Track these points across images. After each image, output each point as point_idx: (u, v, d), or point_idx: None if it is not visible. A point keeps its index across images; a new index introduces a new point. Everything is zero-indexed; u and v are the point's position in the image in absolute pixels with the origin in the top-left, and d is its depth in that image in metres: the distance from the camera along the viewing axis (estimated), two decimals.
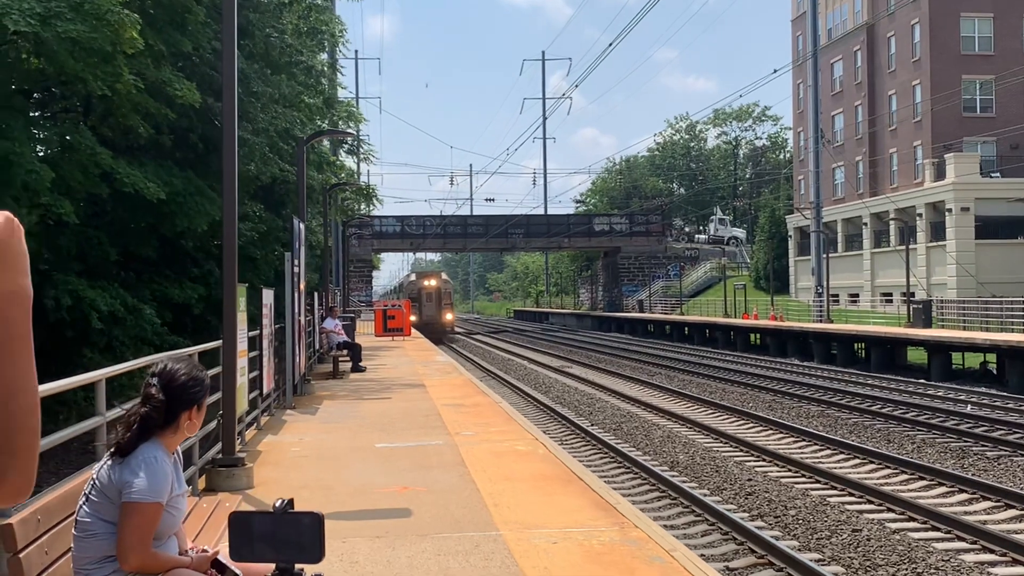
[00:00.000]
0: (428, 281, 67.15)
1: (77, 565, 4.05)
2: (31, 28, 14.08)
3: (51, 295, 17.34)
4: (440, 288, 66.17)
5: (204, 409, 4.33)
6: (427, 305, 65.20)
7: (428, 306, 65.27)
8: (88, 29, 14.68)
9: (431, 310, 65.26)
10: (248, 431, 12.78)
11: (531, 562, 6.69)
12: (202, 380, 4.30)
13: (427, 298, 65.36)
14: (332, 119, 31.47)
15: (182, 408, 4.19)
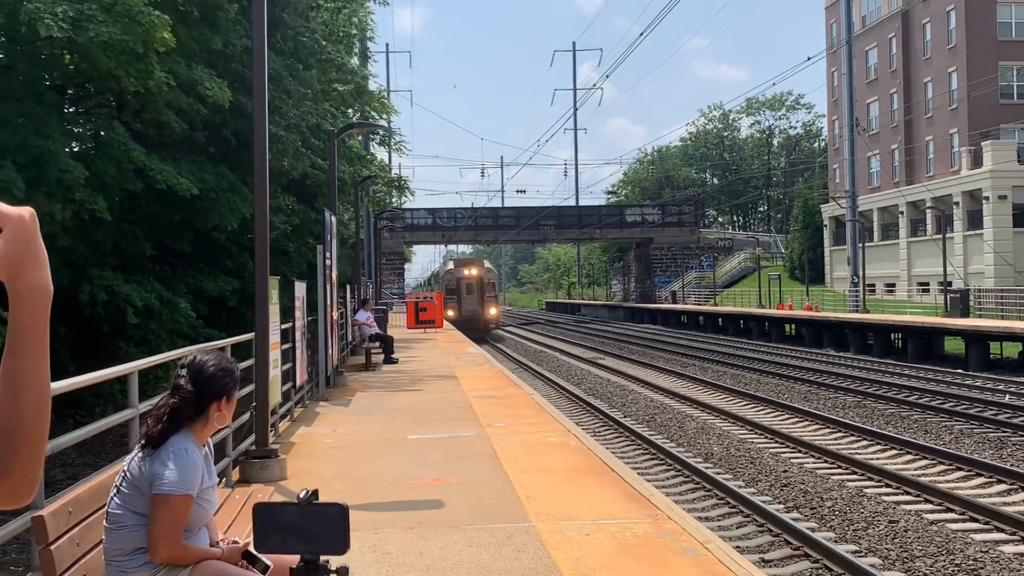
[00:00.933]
0: (468, 270, 58.28)
1: (108, 557, 4.05)
2: (63, 33, 14.14)
3: (86, 290, 17.47)
4: (482, 278, 57.65)
5: (234, 401, 4.31)
6: (467, 298, 56.96)
7: (468, 299, 56.95)
8: (120, 31, 14.74)
9: (472, 304, 56.99)
10: (282, 423, 12.82)
11: (564, 554, 6.65)
12: (231, 371, 4.28)
13: (467, 289, 57.09)
14: (363, 110, 31.51)
15: (211, 399, 4.18)
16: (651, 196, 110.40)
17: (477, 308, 56.69)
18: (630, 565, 6.39)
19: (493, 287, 59.00)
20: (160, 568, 3.99)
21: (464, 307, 56.58)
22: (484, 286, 57.54)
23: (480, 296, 57.12)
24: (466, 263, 60.77)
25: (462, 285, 57.23)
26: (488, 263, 62.08)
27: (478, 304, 56.89)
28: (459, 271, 58.45)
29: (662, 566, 6.35)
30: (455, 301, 56.12)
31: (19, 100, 15.94)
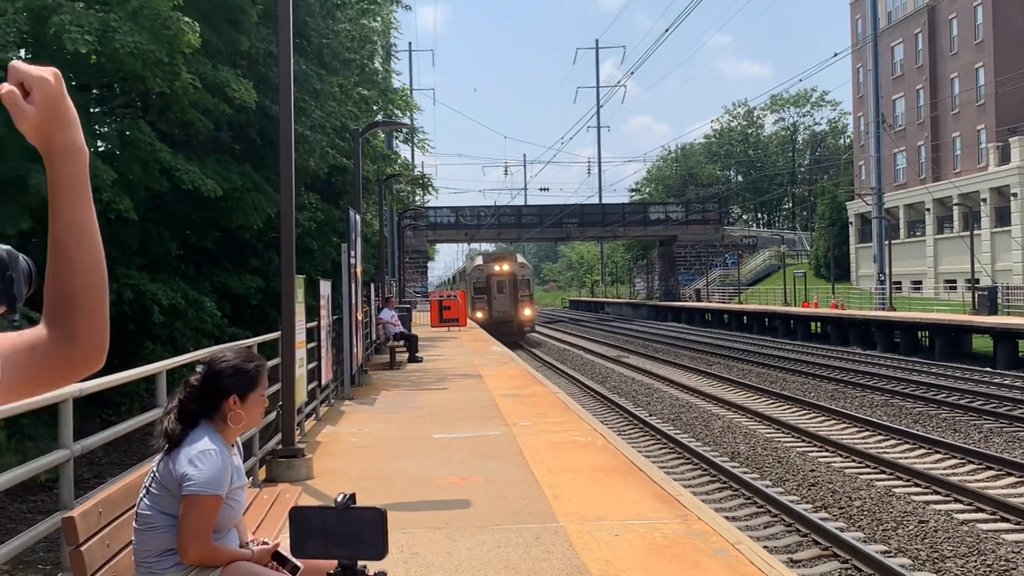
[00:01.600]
0: (500, 266, 51.27)
1: (138, 558, 4.04)
2: (89, 47, 14.19)
3: (112, 289, 17.56)
4: (515, 275, 50.46)
5: (254, 403, 4.21)
6: (498, 298, 50.17)
7: (499, 299, 50.14)
8: (146, 39, 14.77)
9: (504, 304, 50.01)
10: (307, 422, 12.83)
11: (593, 555, 6.60)
12: (243, 370, 4.20)
13: (498, 287, 50.31)
14: (387, 109, 31.55)
15: (221, 396, 4.13)
16: (675, 194, 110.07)
17: (509, 309, 49.77)
18: (660, 566, 6.34)
19: (527, 285, 50.92)
20: (190, 569, 3.98)
21: (495, 308, 49.79)
22: (517, 284, 50.18)
23: (513, 295, 49.80)
24: (496, 258, 53.24)
25: (492, 283, 50.31)
26: (521, 258, 53.67)
27: (510, 304, 49.80)
28: (489, 267, 51.23)
29: (693, 567, 6.29)
30: (484, 301, 49.93)
31: None
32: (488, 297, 50.15)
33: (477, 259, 54.81)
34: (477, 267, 52.39)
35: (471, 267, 54.39)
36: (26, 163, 14.82)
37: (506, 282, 50.45)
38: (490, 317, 48.61)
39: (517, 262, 51.77)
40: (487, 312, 49.50)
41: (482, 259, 53.50)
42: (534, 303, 52.25)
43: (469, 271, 54.05)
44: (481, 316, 48.68)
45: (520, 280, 50.58)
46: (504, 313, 49.63)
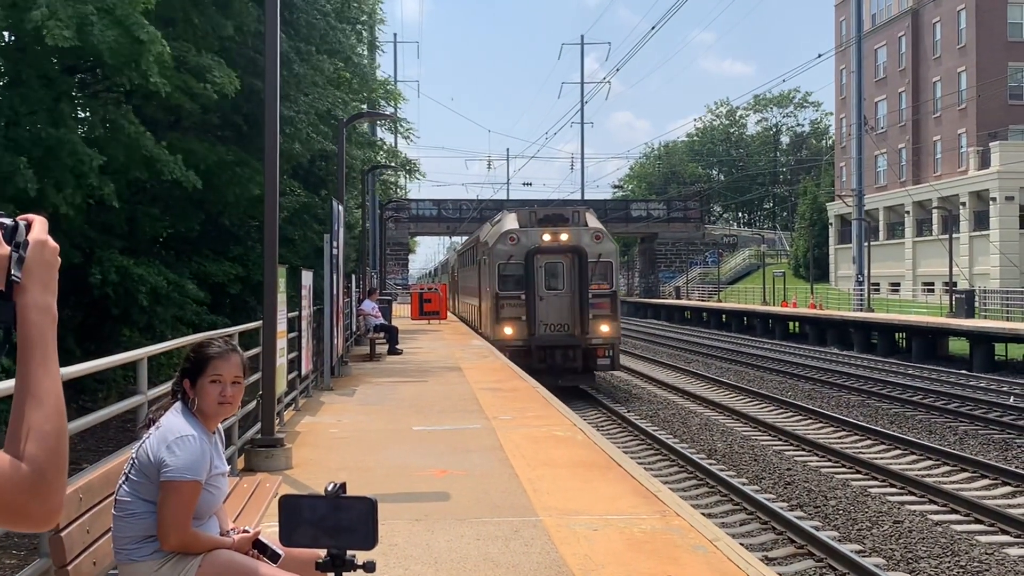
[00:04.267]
0: (556, 233, 27.07)
1: (117, 544, 4.02)
2: (67, 43, 14.10)
3: (96, 271, 17.45)
4: (583, 252, 26.72)
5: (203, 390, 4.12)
6: (549, 298, 26.72)
7: (552, 300, 26.74)
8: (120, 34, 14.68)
9: (561, 309, 26.69)
10: (287, 412, 12.80)
11: (572, 549, 6.62)
12: (195, 354, 4.19)
13: (549, 277, 26.94)
14: (371, 99, 31.44)
15: (180, 379, 4.19)
16: (657, 191, 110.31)
17: (571, 320, 26.34)
18: (639, 561, 6.36)
19: (608, 272, 26.97)
20: (170, 556, 3.96)
21: (542, 318, 26.42)
22: (589, 269, 26.48)
23: (578, 293, 26.42)
24: (551, 219, 27.78)
25: (537, 267, 26.61)
26: (594, 218, 28.53)
27: (574, 311, 26.36)
28: (532, 235, 26.91)
29: (671, 563, 6.32)
30: (518, 303, 26.42)
31: (30, 87, 15.89)
32: (530, 296, 26.17)
33: (508, 219, 28.24)
34: (507, 235, 26.99)
35: (495, 235, 28.24)
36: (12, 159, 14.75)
37: (566, 266, 26.57)
38: (531, 334, 25.84)
39: (589, 228, 27.03)
40: (524, 326, 26.10)
41: (517, 219, 27.78)
42: (618, 309, 27.11)
43: (491, 243, 27.76)
44: (511, 333, 25.97)
45: (596, 262, 26.39)
46: (560, 328, 26.23)
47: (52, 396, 1.56)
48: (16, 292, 1.54)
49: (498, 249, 26.83)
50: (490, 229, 31.25)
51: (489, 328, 27.71)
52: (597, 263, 26.37)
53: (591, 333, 25.81)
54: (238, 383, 4.22)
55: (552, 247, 26.51)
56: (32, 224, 1.58)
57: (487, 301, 28.11)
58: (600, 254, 26.45)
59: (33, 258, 1.56)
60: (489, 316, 27.68)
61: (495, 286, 26.66)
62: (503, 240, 26.86)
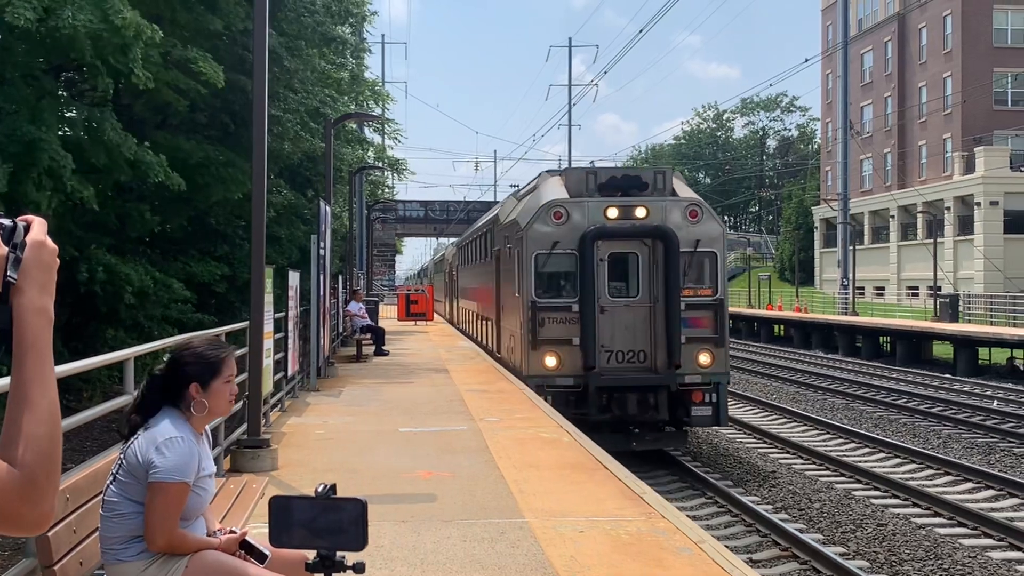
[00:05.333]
0: (630, 208, 16.92)
1: (105, 545, 4.02)
2: (31, 25, 13.75)
3: (83, 268, 17.38)
4: (673, 237, 16.65)
5: (217, 392, 4.16)
6: (621, 311, 16.91)
7: (623, 313, 16.91)
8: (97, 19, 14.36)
9: (634, 323, 16.89)
10: (273, 413, 12.77)
11: (558, 550, 6.63)
12: (205, 358, 4.18)
13: (617, 274, 17.21)
14: (358, 99, 31.40)
15: (183, 384, 4.12)
16: None
17: (653, 344, 16.89)
18: (624, 563, 6.38)
19: (712, 268, 17.19)
20: (157, 557, 3.96)
21: (605, 341, 16.86)
22: (684, 263, 16.85)
23: (663, 302, 16.80)
24: (620, 183, 17.62)
25: (599, 259, 17.00)
26: (684, 185, 18.73)
27: (657, 330, 16.85)
28: (593, 209, 17.05)
29: (656, 565, 6.34)
30: (564, 316, 16.96)
31: (12, 84, 15.79)
32: (587, 306, 16.75)
33: (549, 185, 18.48)
34: (551, 209, 17.23)
35: (529, 210, 18.11)
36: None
37: (644, 259, 17.26)
38: (588, 367, 16.56)
39: (679, 199, 17.55)
40: (577, 354, 16.75)
41: (564, 183, 18.27)
42: (726, 328, 17.52)
43: (523, 223, 17.67)
44: (554, 364, 16.81)
45: (692, 254, 17.03)
46: (634, 357, 17.02)
47: (46, 400, 1.55)
48: (12, 293, 1.53)
49: (535, 232, 16.80)
50: (515, 205, 20.62)
51: (518, 355, 17.44)
52: (693, 255, 16.59)
53: (684, 365, 16.35)
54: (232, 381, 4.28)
55: (622, 228, 16.59)
56: (31, 225, 1.58)
57: (515, 314, 18.08)
58: (698, 240, 16.59)
59: (30, 259, 1.56)
60: (519, 337, 17.38)
61: (529, 290, 16.66)
62: (544, 217, 16.77)
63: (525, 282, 17.00)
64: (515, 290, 18.11)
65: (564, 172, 19.09)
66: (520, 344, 17.46)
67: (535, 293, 16.83)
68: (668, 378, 16.35)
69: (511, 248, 18.91)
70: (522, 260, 17.22)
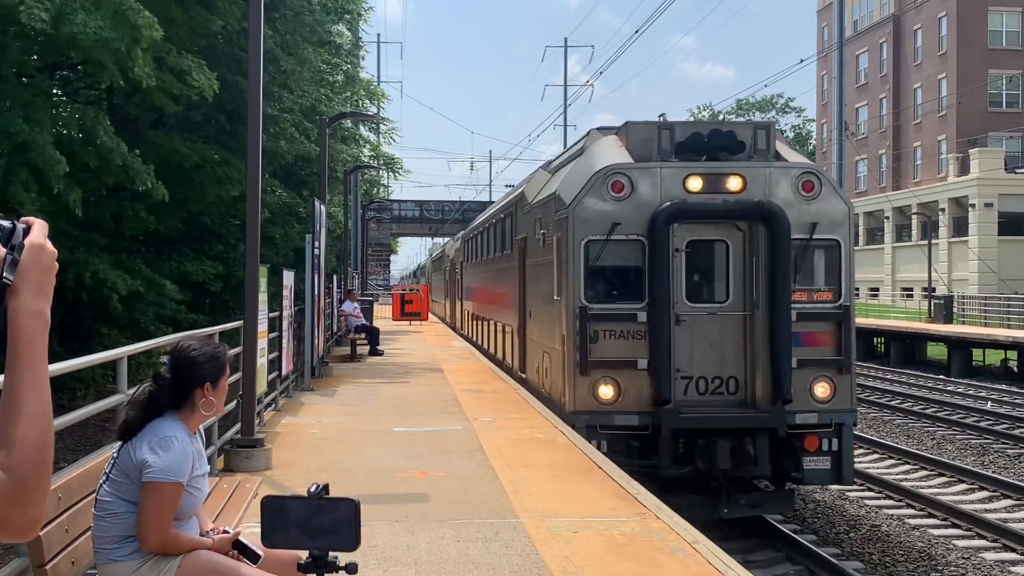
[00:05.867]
0: (719, 177, 12.33)
1: (97, 544, 4.00)
2: (43, 25, 13.86)
3: (70, 275, 17.33)
4: (780, 218, 12.00)
5: (223, 389, 4.26)
6: (704, 321, 12.39)
7: (707, 324, 12.40)
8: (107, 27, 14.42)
9: (723, 338, 12.38)
10: (267, 412, 12.75)
11: (552, 551, 6.63)
12: (216, 357, 4.21)
13: (698, 269, 12.69)
14: (353, 99, 31.37)
15: (193, 385, 4.12)
16: None
17: (750, 369, 12.25)
18: (618, 564, 6.38)
19: (834, 262, 12.52)
20: (150, 556, 3.95)
21: (682, 364, 12.28)
22: (795, 256, 12.21)
23: (766, 309, 12.11)
24: (705, 141, 12.74)
25: (675, 249, 12.34)
26: (789, 148, 14.11)
27: (756, 349, 12.17)
28: (668, 178, 12.37)
29: (650, 565, 6.34)
30: (626, 327, 12.32)
31: (6, 81, 15.75)
32: (659, 313, 12.07)
33: (603, 147, 13.69)
34: (609, 178, 12.44)
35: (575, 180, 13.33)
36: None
37: (736, 249, 12.54)
38: (660, 400, 11.90)
39: (788, 165, 12.77)
40: (643, 381, 12.11)
41: (625, 143, 13.37)
42: (852, 346, 12.57)
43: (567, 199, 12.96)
44: (611, 396, 12.17)
45: (807, 244, 12.34)
46: (722, 387, 12.41)
47: (37, 405, 1.53)
48: (8, 295, 1.52)
49: (587, 210, 12.49)
50: (550, 179, 16.29)
51: (558, 381, 13.11)
52: (808, 245, 12.31)
53: (797, 398, 11.96)
54: None
55: (710, 206, 12.28)
56: (31, 227, 1.57)
57: (551, 324, 13.79)
58: (815, 223, 12.32)
59: (28, 261, 1.55)
60: (558, 357, 13.15)
61: (576, 291, 12.39)
62: (599, 189, 12.47)
63: (570, 281, 12.43)
64: (553, 291, 13.47)
65: (625, 128, 13.53)
66: (561, 366, 12.80)
67: (585, 296, 12.25)
68: (774, 417, 11.70)
69: (546, 235, 14.28)
70: (566, 250, 12.60)
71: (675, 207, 12.06)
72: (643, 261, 12.16)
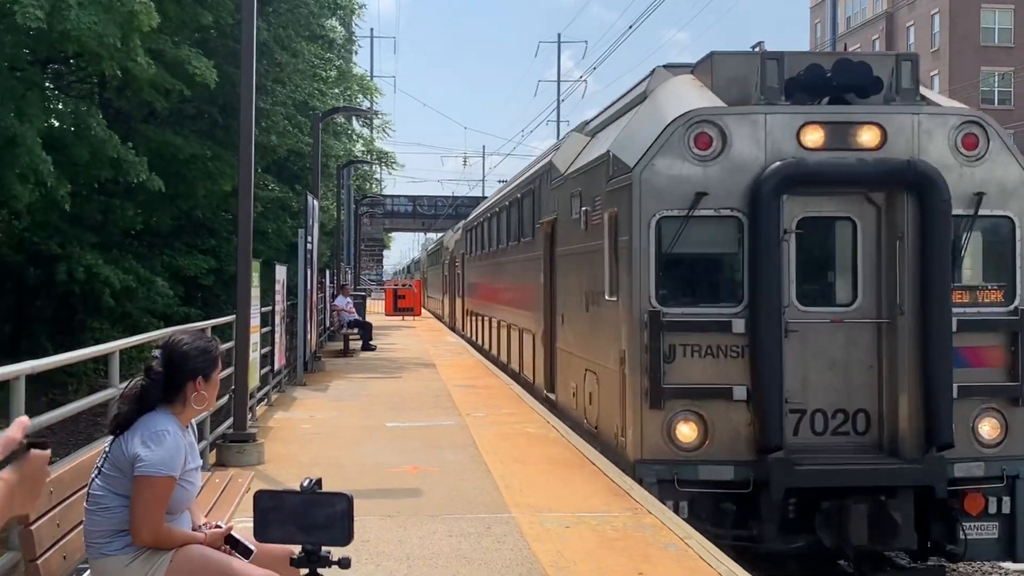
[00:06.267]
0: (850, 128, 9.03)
1: (89, 539, 3.99)
2: (37, 23, 13.84)
3: (63, 268, 17.28)
4: (934, 183, 8.76)
5: (215, 383, 4.24)
6: (823, 332, 9.15)
7: (829, 335, 9.17)
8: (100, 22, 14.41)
9: (847, 357, 9.14)
10: (259, 407, 12.75)
11: (544, 546, 6.63)
12: (208, 351, 4.20)
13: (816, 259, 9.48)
14: (347, 94, 31.31)
15: (185, 379, 4.11)
16: None
17: (888, 399, 9.02)
18: (611, 559, 6.39)
19: (1005, 250, 9.24)
20: (142, 551, 3.94)
21: (795, 393, 8.99)
22: (956, 239, 8.93)
23: (914, 315, 8.87)
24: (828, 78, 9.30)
25: (785, 230, 9.01)
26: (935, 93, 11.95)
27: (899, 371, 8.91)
28: (775, 128, 9.03)
29: (643, 560, 6.35)
30: (712, 339, 8.97)
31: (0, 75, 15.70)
32: (766, 321, 8.77)
33: (676, 86, 10.21)
34: (691, 128, 9.09)
35: (639, 135, 9.77)
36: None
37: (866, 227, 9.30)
38: (765, 444, 8.62)
39: (943, 111, 9.57)
40: (740, 416, 8.87)
41: (701, 80, 10.13)
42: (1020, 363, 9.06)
43: (633, 158, 9.38)
44: (692, 437, 8.89)
45: (971, 220, 9.07)
46: (848, 424, 9.13)
47: None
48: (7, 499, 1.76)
49: (657, 174, 9.22)
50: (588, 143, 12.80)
51: (616, 413, 9.78)
52: (973, 222, 9.18)
53: (957, 440, 8.82)
54: None
55: (836, 168, 9.14)
56: None
57: (605, 333, 10.45)
58: (980, 193, 9.19)
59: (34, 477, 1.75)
60: (614, 380, 9.87)
61: (644, 288, 9.16)
62: (677, 146, 9.19)
63: (634, 274, 9.11)
64: (604, 288, 10.21)
65: (708, 62, 10.06)
66: (618, 393, 9.57)
67: (657, 297, 9.00)
68: (929, 470, 8.62)
69: (590, 213, 11.02)
70: (629, 231, 9.24)
71: (788, 170, 8.78)
72: (739, 247, 8.95)
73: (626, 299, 9.31)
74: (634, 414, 8.99)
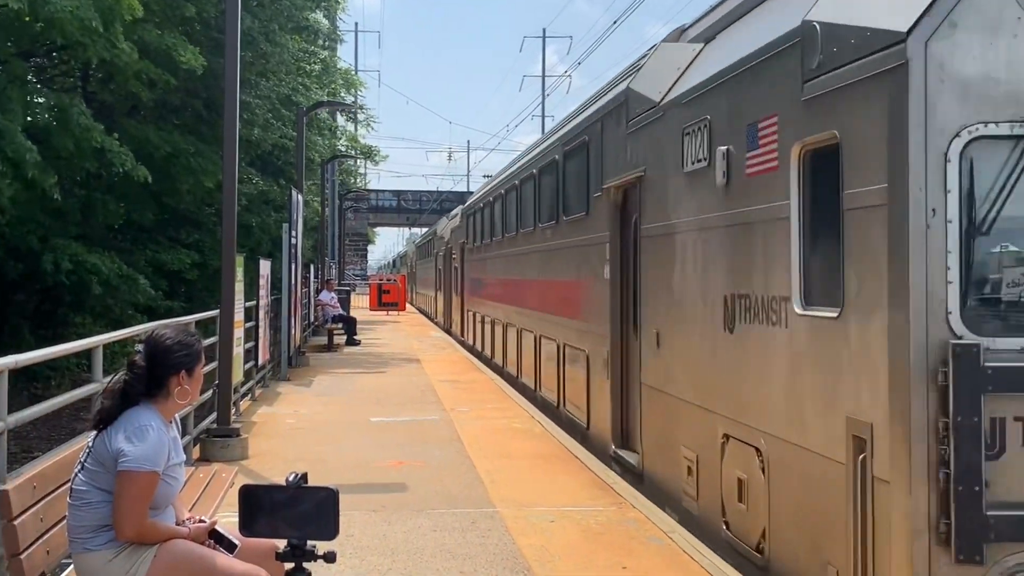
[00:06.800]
0: None
1: (72, 534, 3.98)
2: (18, 4, 13.77)
3: (49, 259, 17.18)
4: None
5: (198, 377, 4.25)
6: None
7: None
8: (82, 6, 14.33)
9: None
10: (243, 402, 12.72)
11: (528, 540, 6.65)
12: (190, 345, 4.20)
13: None
14: (331, 88, 31.19)
15: (168, 373, 4.11)
16: None
17: None
18: (595, 553, 6.40)
19: None
20: (125, 546, 3.93)
21: None
22: None
23: None
24: None
25: None
26: None
27: None
28: None
29: (627, 554, 6.37)
30: None
31: None
32: None
33: None
34: None
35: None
36: None
37: None
38: None
39: None
40: None
41: None
42: None
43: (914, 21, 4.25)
44: None
45: None
46: None
47: None
48: None
49: (959, 52, 4.28)
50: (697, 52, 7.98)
51: (845, 554, 4.77)
52: None
53: None
54: None
55: None
56: None
57: (828, 392, 5.05)
58: None
59: None
60: (847, 480, 4.77)
61: (940, 291, 4.28)
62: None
63: (897, 265, 4.47)
64: (793, 292, 5.57)
65: None
66: (853, 512, 4.77)
67: (963, 313, 4.38)
68: None
69: (739, 155, 6.35)
70: (876, 175, 4.64)
71: None
72: None
73: (868, 315, 4.73)
74: (905, 570, 4.34)
